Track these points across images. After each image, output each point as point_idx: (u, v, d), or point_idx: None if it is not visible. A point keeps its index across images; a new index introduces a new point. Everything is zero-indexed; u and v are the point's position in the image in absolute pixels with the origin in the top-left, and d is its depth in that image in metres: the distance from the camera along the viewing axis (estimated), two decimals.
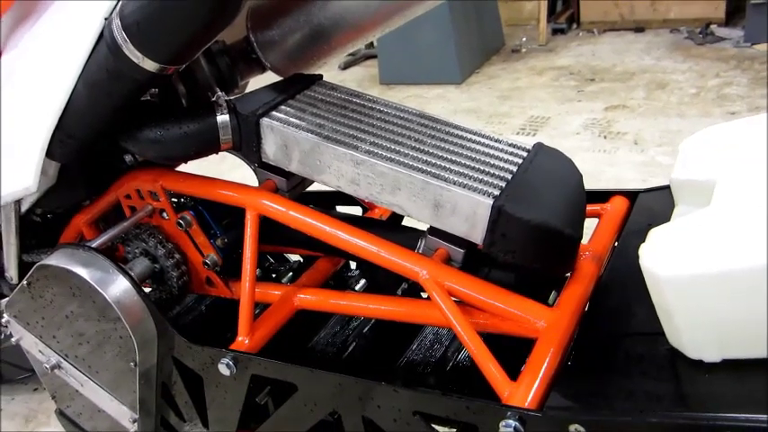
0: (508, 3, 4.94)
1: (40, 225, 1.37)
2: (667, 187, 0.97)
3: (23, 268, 1.24)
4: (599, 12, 4.66)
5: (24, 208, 1.24)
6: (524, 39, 4.73)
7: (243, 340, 1.04)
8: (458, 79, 4.06)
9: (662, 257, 0.68)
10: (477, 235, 0.88)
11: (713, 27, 4.24)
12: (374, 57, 4.44)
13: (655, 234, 0.73)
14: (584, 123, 3.30)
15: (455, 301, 0.91)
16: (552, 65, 4.21)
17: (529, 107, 3.61)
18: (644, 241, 0.75)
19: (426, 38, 3.98)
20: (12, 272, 1.35)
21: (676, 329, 0.70)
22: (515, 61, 4.38)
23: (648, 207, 1.08)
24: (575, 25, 4.79)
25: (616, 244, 1.06)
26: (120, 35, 0.84)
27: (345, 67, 4.71)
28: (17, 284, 1.21)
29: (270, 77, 1.17)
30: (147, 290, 1.26)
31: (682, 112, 3.26)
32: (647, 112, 3.31)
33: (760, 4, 3.75)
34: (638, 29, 4.52)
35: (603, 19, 4.65)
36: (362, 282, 1.32)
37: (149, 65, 0.86)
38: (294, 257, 1.42)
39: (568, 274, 0.97)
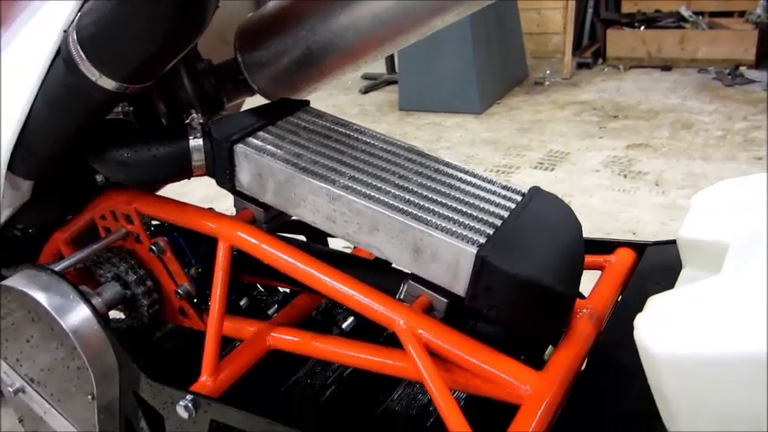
0: (534, 35, 4.88)
1: (21, 240, 1.31)
2: None
3: None
4: (626, 48, 4.57)
5: (1, 222, 1.19)
6: (548, 72, 4.65)
7: (206, 381, 0.96)
8: (477, 109, 3.99)
9: (660, 332, 0.59)
10: (460, 286, 0.79)
11: (742, 69, 4.12)
12: (395, 82, 4.39)
13: (654, 303, 0.63)
14: (604, 161, 3.20)
15: (434, 355, 0.83)
16: (575, 99, 4.12)
17: (549, 141, 3.52)
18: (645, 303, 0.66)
19: (448, 66, 3.92)
20: None
21: (673, 416, 0.60)
22: (538, 94, 4.29)
23: (657, 262, 0.98)
24: (600, 60, 4.70)
25: (619, 299, 0.97)
26: (75, 50, 0.78)
27: (366, 91, 4.66)
28: None
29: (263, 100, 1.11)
30: (121, 316, 1.20)
31: (707, 155, 3.14)
32: (671, 153, 3.20)
33: None
34: (665, 67, 4.42)
35: (630, 55, 4.55)
36: (350, 320, 1.24)
37: (106, 83, 0.79)
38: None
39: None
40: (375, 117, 4.20)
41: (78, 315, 0.98)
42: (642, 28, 4.54)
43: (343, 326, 1.24)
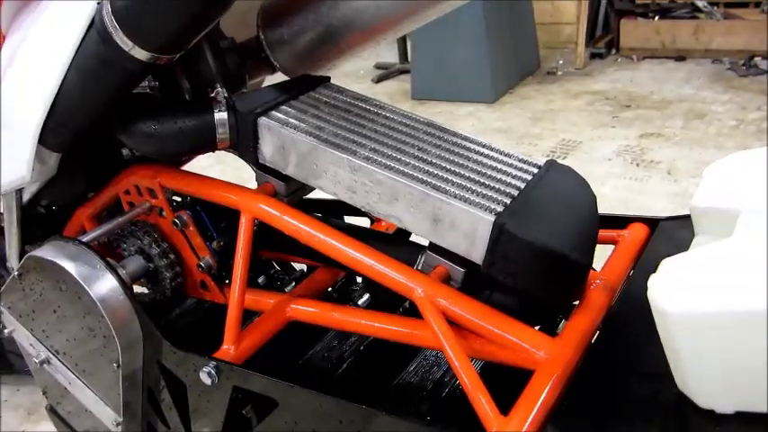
0: (547, 25, 4.87)
1: (46, 216, 1.34)
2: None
3: None
4: (639, 38, 4.55)
5: (26, 198, 1.22)
6: (561, 62, 4.64)
7: (228, 349, 0.99)
8: (490, 98, 3.99)
9: (672, 291, 0.61)
10: (477, 254, 0.82)
11: (757, 59, 4.10)
12: (408, 71, 4.40)
13: (667, 264, 0.65)
14: (616, 149, 3.20)
15: (451, 323, 0.85)
16: (588, 89, 4.11)
17: (561, 130, 3.53)
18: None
19: (461, 55, 3.93)
20: (13, 262, 1.33)
21: (685, 373, 0.62)
22: (550, 83, 4.29)
23: (670, 236, 1.00)
24: (613, 50, 4.68)
25: (631, 273, 0.99)
26: (109, 21, 0.81)
27: (378, 80, 4.68)
28: None
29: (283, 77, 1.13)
30: (143, 290, 1.23)
31: (719, 144, 3.14)
32: (683, 142, 3.20)
33: None
34: (679, 57, 4.40)
35: (644, 46, 4.53)
36: (366, 296, 1.26)
37: (139, 53, 0.82)
38: (301, 266, 1.37)
39: (576, 303, 0.90)
40: None
41: (106, 285, 1.01)
42: (656, 18, 4.52)
43: (359, 302, 1.26)
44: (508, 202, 0.81)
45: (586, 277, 0.86)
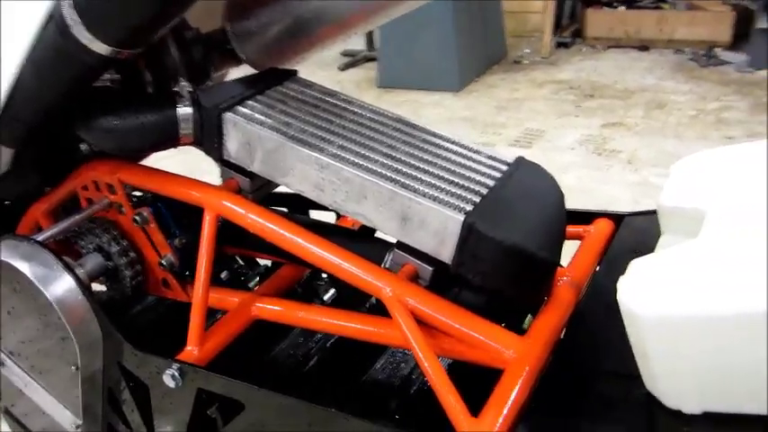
0: (514, 14, 4.88)
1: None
2: (656, 211, 0.90)
3: None
4: (604, 28, 4.61)
5: None
6: (527, 50, 4.67)
7: (192, 350, 0.96)
8: (456, 87, 4.00)
9: (641, 294, 0.61)
10: (446, 253, 0.81)
11: (717, 50, 4.19)
12: (374, 59, 4.38)
13: (635, 266, 0.65)
14: (579, 139, 3.24)
15: (419, 322, 0.84)
16: (553, 78, 4.15)
17: (525, 119, 3.55)
18: (624, 271, 0.68)
19: (428, 43, 3.92)
20: None
21: (653, 374, 0.63)
22: (516, 72, 4.32)
23: (635, 231, 1.01)
24: (579, 40, 4.74)
25: (597, 269, 0.99)
26: (68, 13, 0.77)
27: (344, 68, 4.64)
28: None
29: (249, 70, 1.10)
30: (102, 288, 1.19)
31: (679, 134, 3.21)
32: (644, 132, 3.26)
33: (765, 30, 3.70)
34: (643, 47, 4.47)
35: (608, 35, 4.59)
36: (331, 291, 1.25)
37: (99, 47, 0.78)
38: (265, 261, 1.35)
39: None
40: (353, 94, 4.15)
41: (62, 285, 0.97)
42: (622, 8, 4.58)
43: (325, 297, 1.25)
44: (478, 200, 0.80)
45: (554, 275, 0.86)
